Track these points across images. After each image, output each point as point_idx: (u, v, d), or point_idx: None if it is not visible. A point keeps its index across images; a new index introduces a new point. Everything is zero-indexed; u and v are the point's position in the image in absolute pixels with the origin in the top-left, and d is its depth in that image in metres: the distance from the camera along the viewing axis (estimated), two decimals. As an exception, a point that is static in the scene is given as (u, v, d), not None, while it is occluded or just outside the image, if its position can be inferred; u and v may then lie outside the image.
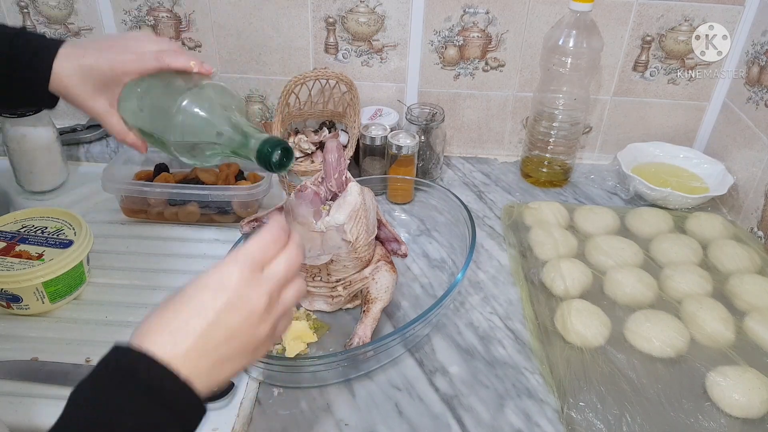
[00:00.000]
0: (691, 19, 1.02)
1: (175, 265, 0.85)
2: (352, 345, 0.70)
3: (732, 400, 0.66)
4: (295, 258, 0.46)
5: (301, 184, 0.73)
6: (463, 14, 1.03)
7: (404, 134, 0.99)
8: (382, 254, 0.77)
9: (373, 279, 0.74)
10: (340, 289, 0.75)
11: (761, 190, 0.95)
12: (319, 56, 1.09)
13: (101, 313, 0.77)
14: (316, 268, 0.74)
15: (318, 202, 0.72)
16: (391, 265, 0.77)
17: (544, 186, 1.08)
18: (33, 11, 1.07)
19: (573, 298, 0.79)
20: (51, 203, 0.97)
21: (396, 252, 0.79)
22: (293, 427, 0.65)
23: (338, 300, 0.76)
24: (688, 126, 1.13)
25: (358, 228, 0.70)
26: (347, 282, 0.75)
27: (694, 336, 0.74)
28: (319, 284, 0.75)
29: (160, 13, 1.06)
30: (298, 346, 0.71)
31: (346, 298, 0.76)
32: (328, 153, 0.71)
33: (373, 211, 0.74)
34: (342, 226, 0.69)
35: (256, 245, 0.44)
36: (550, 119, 1.03)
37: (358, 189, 0.71)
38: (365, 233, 0.71)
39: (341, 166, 0.72)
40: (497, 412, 0.67)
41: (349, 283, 0.75)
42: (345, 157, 0.73)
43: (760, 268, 0.86)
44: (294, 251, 0.46)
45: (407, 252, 0.78)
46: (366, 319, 0.72)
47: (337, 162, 0.71)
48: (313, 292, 0.76)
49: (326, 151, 0.71)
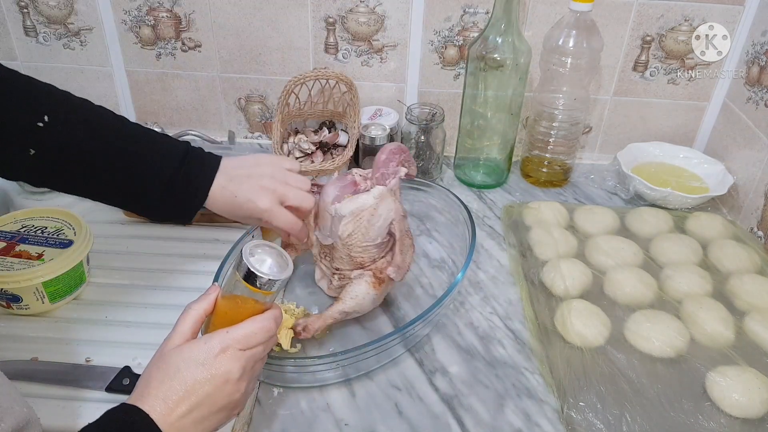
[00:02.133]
0: (691, 19, 1.02)
1: (175, 265, 0.85)
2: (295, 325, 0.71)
3: (732, 400, 0.66)
4: (271, 343, 0.56)
5: (349, 171, 0.76)
6: (463, 14, 1.03)
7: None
8: (379, 267, 0.74)
9: (351, 282, 0.74)
10: (336, 278, 0.77)
11: (761, 190, 0.95)
12: (319, 56, 1.09)
13: (101, 313, 0.77)
14: (327, 248, 0.76)
15: (349, 190, 0.73)
16: (377, 281, 0.73)
17: (544, 186, 1.08)
18: (33, 11, 1.07)
19: (573, 298, 0.79)
20: (51, 203, 0.97)
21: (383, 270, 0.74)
22: (293, 427, 0.65)
23: (332, 287, 0.78)
24: (688, 126, 1.13)
25: (354, 226, 0.71)
26: (342, 275, 0.76)
27: (694, 336, 0.74)
28: (326, 264, 0.78)
29: (160, 13, 1.06)
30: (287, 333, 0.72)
31: (336, 288, 0.78)
32: (380, 152, 0.74)
33: (382, 221, 0.72)
34: (341, 218, 0.70)
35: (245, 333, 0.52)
36: (550, 119, 1.03)
37: (377, 193, 0.71)
38: (361, 236, 0.71)
39: (387, 169, 0.73)
40: (497, 412, 0.67)
41: (343, 276, 0.76)
42: (400, 163, 0.74)
43: (760, 268, 0.86)
44: (273, 339, 0.56)
45: (393, 275, 0.72)
46: (323, 313, 0.72)
47: (382, 163, 0.73)
48: (323, 270, 0.79)
49: (381, 150, 0.74)
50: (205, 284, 0.71)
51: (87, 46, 1.10)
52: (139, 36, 1.09)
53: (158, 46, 1.09)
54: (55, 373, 0.68)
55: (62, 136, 0.61)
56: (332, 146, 1.05)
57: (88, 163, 0.63)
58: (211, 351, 0.50)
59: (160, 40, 1.09)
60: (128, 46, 1.10)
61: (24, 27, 1.09)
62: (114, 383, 0.66)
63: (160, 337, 0.73)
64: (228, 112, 1.16)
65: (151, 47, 1.10)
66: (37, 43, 1.10)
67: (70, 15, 1.07)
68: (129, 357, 0.70)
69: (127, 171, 0.64)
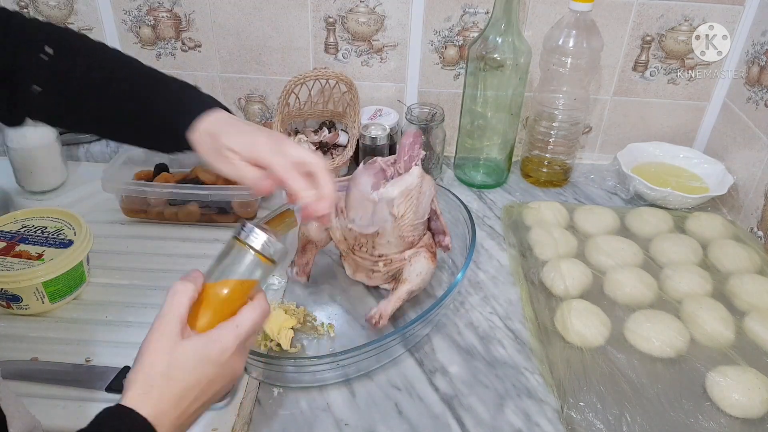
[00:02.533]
0: (691, 19, 1.02)
1: (175, 265, 0.85)
2: (370, 315, 0.73)
3: (732, 400, 0.66)
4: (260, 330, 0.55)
5: (372, 159, 0.78)
6: (463, 14, 1.03)
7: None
8: (428, 243, 0.78)
9: (409, 262, 0.76)
10: (381, 264, 0.77)
11: (761, 190, 0.95)
12: (319, 56, 1.09)
13: (101, 313, 0.77)
14: (363, 239, 0.76)
15: (381, 177, 0.75)
16: (432, 255, 0.77)
17: (544, 186, 1.08)
18: (33, 11, 1.07)
19: (573, 298, 0.79)
20: (51, 203, 0.97)
21: (440, 243, 0.79)
22: (293, 427, 0.65)
23: (377, 275, 0.79)
24: (688, 126, 1.13)
25: (406, 206, 0.73)
26: (388, 259, 0.77)
27: (694, 336, 0.74)
28: (364, 255, 0.77)
29: (160, 13, 1.06)
30: (287, 334, 0.72)
31: (384, 275, 0.78)
32: (404, 137, 0.75)
33: (427, 198, 0.75)
34: (392, 201, 0.72)
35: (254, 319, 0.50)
36: (550, 119, 1.03)
37: (419, 173, 0.74)
38: (413, 214, 0.73)
39: (414, 152, 0.75)
40: (497, 412, 0.67)
41: (390, 261, 0.76)
42: (420, 146, 0.76)
43: (760, 268, 0.86)
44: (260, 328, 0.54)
45: (450, 245, 0.79)
46: (391, 297, 0.74)
47: (410, 146, 0.75)
48: (358, 262, 0.79)
49: (404, 136, 0.75)
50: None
51: (87, 46, 1.10)
52: (139, 36, 1.09)
53: (158, 46, 1.09)
54: (55, 373, 0.68)
55: (67, 67, 0.59)
56: (332, 146, 1.05)
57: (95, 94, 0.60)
58: (226, 350, 0.48)
59: (160, 40, 1.09)
60: (128, 46, 1.10)
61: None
62: (114, 383, 0.66)
63: (160, 337, 0.74)
64: (228, 112, 1.16)
65: (151, 47, 1.10)
66: (37, 43, 1.10)
67: (70, 15, 1.07)
68: (129, 357, 0.69)
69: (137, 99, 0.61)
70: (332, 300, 0.81)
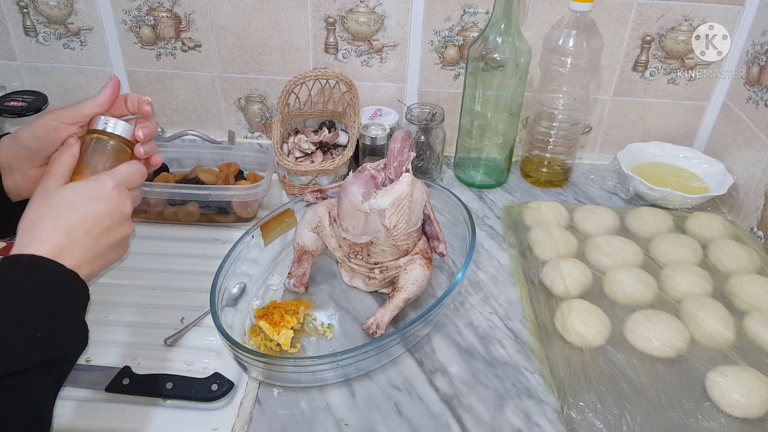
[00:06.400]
0: (691, 19, 1.02)
1: (175, 265, 0.85)
2: (366, 325, 0.73)
3: (732, 400, 0.66)
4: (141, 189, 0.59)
5: (361, 166, 0.77)
6: (463, 14, 1.03)
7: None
8: (423, 248, 0.78)
9: (405, 269, 0.76)
10: (376, 271, 0.77)
11: (761, 190, 0.95)
12: (319, 56, 1.09)
13: (101, 313, 0.77)
14: (359, 247, 0.76)
15: (372, 185, 0.75)
16: (427, 261, 0.77)
17: (544, 186, 1.08)
18: (33, 11, 1.07)
19: (573, 298, 0.79)
20: (51, 203, 0.97)
21: (435, 249, 0.79)
22: (293, 427, 0.65)
23: (374, 282, 0.79)
24: (687, 126, 1.13)
25: (398, 216, 0.72)
26: (384, 267, 0.77)
27: (694, 336, 0.74)
28: (359, 263, 0.78)
29: (160, 13, 1.06)
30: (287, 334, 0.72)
31: (380, 281, 0.79)
32: (392, 142, 0.75)
33: (419, 205, 0.75)
34: (383, 212, 0.71)
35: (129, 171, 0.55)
36: (550, 119, 1.03)
37: (409, 180, 0.73)
38: (405, 223, 0.73)
39: (402, 156, 0.74)
40: (497, 412, 0.67)
41: (386, 268, 0.77)
42: (410, 149, 0.75)
43: (760, 268, 0.86)
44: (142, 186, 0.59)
45: (444, 251, 0.78)
46: (388, 305, 0.74)
47: (398, 152, 0.74)
48: (354, 269, 0.79)
49: (392, 140, 0.75)
50: (205, 284, 0.72)
51: (87, 46, 1.10)
52: (139, 36, 1.09)
53: (158, 46, 1.09)
54: (55, 373, 0.68)
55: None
56: (332, 146, 1.05)
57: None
58: (105, 186, 0.52)
59: (160, 40, 1.09)
60: (128, 46, 1.10)
61: (24, 27, 1.09)
62: (114, 383, 0.65)
63: (161, 337, 0.74)
64: (228, 112, 1.16)
65: (151, 47, 1.10)
66: (37, 43, 1.10)
67: (70, 15, 1.07)
68: (129, 357, 0.70)
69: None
70: (332, 300, 0.81)
